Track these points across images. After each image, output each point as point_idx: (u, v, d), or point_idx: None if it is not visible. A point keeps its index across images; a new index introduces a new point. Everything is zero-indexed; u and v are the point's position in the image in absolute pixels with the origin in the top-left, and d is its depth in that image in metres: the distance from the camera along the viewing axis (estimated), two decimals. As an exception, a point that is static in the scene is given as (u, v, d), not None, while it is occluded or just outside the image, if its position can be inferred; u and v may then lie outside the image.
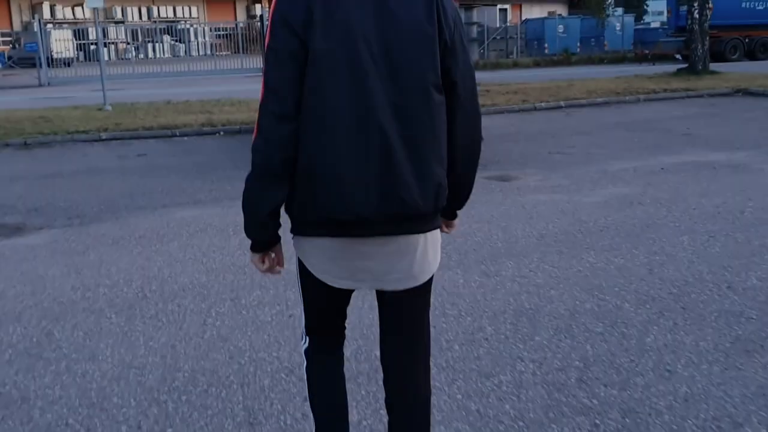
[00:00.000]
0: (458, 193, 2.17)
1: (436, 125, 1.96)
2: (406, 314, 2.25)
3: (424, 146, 1.94)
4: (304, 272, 2.17)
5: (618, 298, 4.36)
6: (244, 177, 2.02)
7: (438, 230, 2.14)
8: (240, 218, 2.07)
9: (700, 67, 20.62)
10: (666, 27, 34.31)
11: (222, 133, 11.87)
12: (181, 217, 6.80)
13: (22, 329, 4.20)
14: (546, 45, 35.82)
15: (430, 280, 2.21)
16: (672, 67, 23.22)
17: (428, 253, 2.10)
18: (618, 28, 37.00)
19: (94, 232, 6.42)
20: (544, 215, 6.42)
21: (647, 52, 31.25)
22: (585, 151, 9.79)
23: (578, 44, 36.10)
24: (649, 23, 42.91)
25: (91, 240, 6.14)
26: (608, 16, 24.25)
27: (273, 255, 2.16)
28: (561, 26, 36.60)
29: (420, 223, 2.03)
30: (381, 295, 2.23)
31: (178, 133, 11.68)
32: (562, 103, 14.41)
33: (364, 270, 2.06)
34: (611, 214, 6.39)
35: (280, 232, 2.12)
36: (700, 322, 3.96)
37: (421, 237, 2.06)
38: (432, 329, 3.94)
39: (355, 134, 1.89)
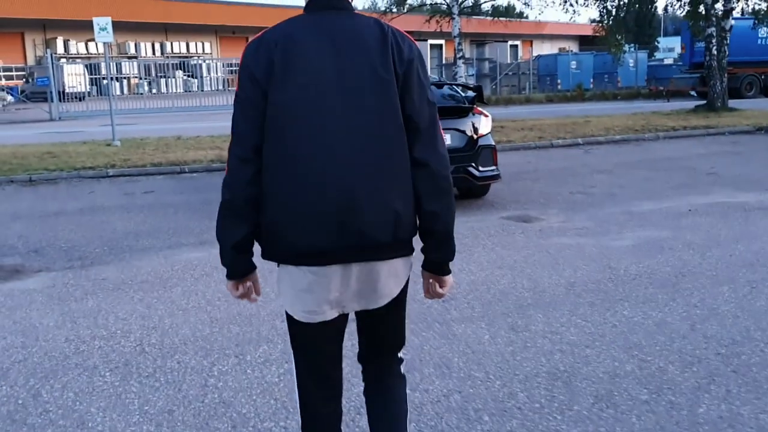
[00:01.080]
0: (435, 238, 2.19)
1: (395, 162, 2.06)
2: (378, 327, 2.34)
3: (382, 181, 2.04)
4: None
5: (661, 359, 3.96)
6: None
7: (400, 260, 2.17)
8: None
9: (718, 104, 20.28)
10: (680, 63, 34.05)
11: (232, 169, 11.59)
12: (186, 260, 6.46)
13: (8, 389, 3.83)
14: (559, 81, 35.62)
15: (402, 295, 2.27)
16: (687, 104, 22.92)
17: (390, 281, 2.16)
18: (631, 65, 36.80)
19: (95, 275, 6.08)
20: (571, 261, 6.04)
21: (662, 88, 30.94)
22: (607, 190, 9.42)
23: (591, 80, 35.89)
24: (662, 59, 42.73)
25: (90, 285, 5.80)
26: (624, 52, 24.00)
27: (249, 284, 2.26)
28: (574, 62, 36.44)
29: (378, 253, 2.10)
30: (357, 315, 2.32)
31: (187, 170, 11.41)
32: (579, 140, 14.07)
33: (327, 297, 2.12)
34: (642, 260, 6.00)
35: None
36: (756, 390, 3.55)
37: (379, 264, 2.12)
38: (458, 395, 3.59)
39: (314, 173, 2.01)
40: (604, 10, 21.04)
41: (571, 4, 21.54)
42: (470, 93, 8.82)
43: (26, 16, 39.36)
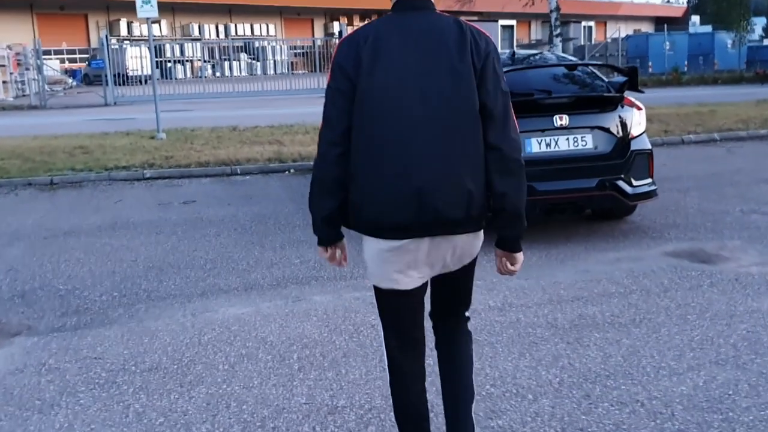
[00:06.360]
0: (505, 216, 2.34)
1: (468, 145, 2.26)
2: (449, 288, 2.57)
3: (457, 163, 2.24)
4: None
5: None
6: (316, 240, 2.49)
7: (472, 234, 2.37)
8: (310, 329, 2.65)
9: None
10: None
11: (292, 170, 9.47)
12: (222, 321, 4.42)
13: None
14: (650, 63, 32.49)
15: (472, 262, 2.48)
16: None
17: (458, 249, 2.37)
18: (730, 46, 33.38)
19: (87, 349, 4.11)
20: (830, 352, 3.72)
21: (768, 72, 27.63)
22: (790, 209, 6.97)
23: (686, 63, 32.65)
24: (761, 41, 39.06)
25: (75, 370, 3.83)
26: (749, 29, 20.89)
27: (338, 250, 2.52)
28: (667, 43, 33.20)
29: (452, 228, 2.30)
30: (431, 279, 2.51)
31: (238, 171, 9.36)
32: (715, 136, 11.48)
33: (406, 266, 2.34)
34: None
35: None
36: None
37: (454, 237, 2.33)
38: None
39: (395, 154, 2.23)
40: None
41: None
42: (618, 77, 6.49)
43: (89, -3, 38.29)
